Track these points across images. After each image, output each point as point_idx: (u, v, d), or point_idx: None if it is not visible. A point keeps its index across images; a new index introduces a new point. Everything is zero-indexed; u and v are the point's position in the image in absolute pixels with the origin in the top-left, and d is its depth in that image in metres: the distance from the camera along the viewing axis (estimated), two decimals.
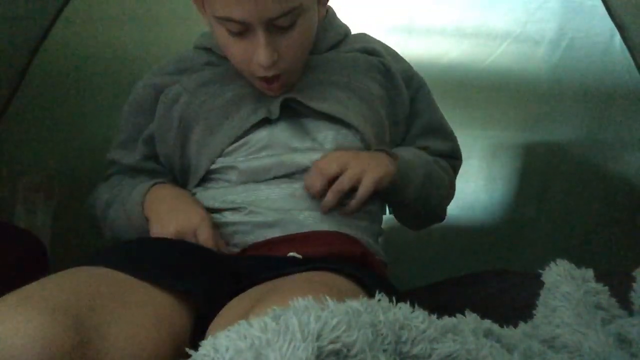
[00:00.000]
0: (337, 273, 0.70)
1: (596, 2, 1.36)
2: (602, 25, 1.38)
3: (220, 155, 0.90)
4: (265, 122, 0.90)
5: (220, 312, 0.64)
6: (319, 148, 0.90)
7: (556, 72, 1.45)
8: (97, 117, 1.41)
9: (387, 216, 1.02)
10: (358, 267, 0.77)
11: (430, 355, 0.48)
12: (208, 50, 0.97)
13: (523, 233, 1.49)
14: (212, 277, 0.73)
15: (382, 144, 0.95)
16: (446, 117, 1.06)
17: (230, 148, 0.89)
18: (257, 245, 0.83)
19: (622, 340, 0.64)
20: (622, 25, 1.35)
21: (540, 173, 1.50)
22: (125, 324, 0.59)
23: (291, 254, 0.79)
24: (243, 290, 0.69)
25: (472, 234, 1.48)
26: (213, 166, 0.90)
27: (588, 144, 1.48)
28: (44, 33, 1.36)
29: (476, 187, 1.48)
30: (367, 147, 0.92)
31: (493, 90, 1.46)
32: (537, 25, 1.43)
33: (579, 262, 0.77)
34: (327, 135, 0.90)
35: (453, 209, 1.07)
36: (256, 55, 0.81)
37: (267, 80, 0.86)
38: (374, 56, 0.98)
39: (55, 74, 1.40)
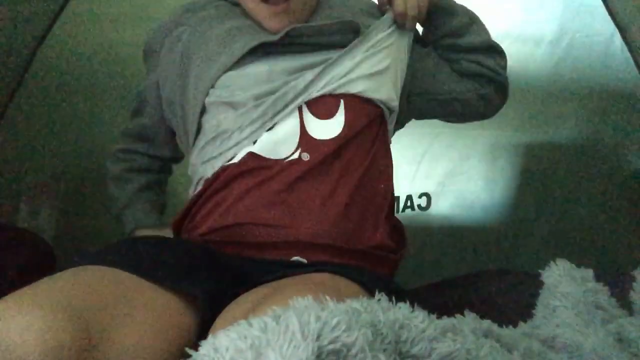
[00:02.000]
0: (338, 274, 0.70)
1: (596, 2, 1.36)
2: (602, 25, 1.38)
3: (213, 86, 0.87)
4: (266, 54, 0.88)
5: (221, 313, 0.64)
6: (319, 62, 0.86)
7: (556, 72, 1.44)
8: (98, 117, 1.41)
9: None
10: (359, 269, 0.77)
11: (429, 355, 0.48)
12: None
13: (523, 233, 1.49)
14: (215, 279, 0.73)
15: (388, 82, 0.92)
16: None
17: (226, 78, 0.87)
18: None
19: (622, 340, 0.64)
20: (623, 25, 1.35)
21: (540, 173, 1.50)
22: (131, 326, 0.59)
23: (295, 257, 0.78)
24: (245, 292, 0.69)
25: (472, 234, 1.48)
26: (207, 99, 0.87)
27: (588, 144, 1.47)
28: (44, 33, 1.36)
29: (476, 187, 1.48)
30: (372, 77, 0.89)
31: None
32: (537, 25, 1.43)
33: (579, 262, 0.77)
34: (331, 56, 0.87)
35: (453, 208, 1.06)
36: None
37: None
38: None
39: (56, 74, 1.40)
